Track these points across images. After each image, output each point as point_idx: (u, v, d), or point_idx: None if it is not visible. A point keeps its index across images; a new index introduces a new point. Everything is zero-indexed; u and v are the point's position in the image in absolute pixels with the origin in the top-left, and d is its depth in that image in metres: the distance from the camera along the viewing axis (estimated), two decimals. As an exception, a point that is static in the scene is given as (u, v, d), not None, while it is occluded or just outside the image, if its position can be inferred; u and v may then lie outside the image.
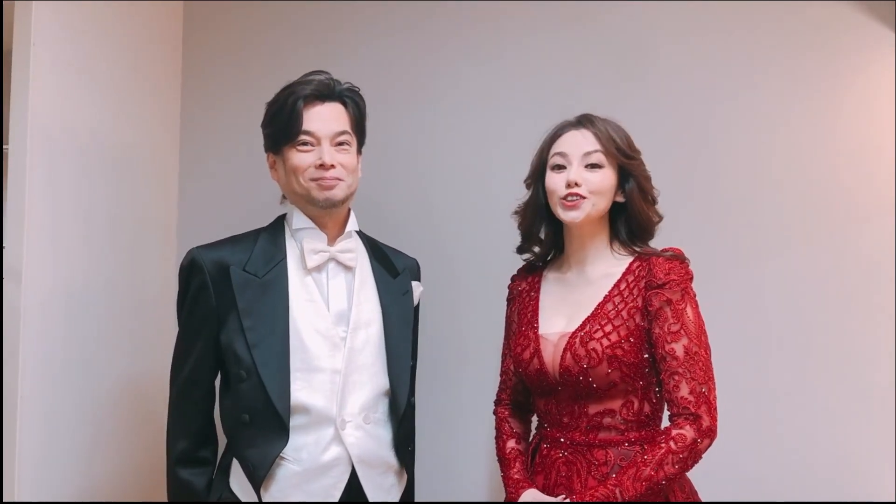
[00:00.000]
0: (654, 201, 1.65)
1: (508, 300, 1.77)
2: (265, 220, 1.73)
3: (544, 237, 1.72)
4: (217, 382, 1.67)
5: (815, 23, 2.02)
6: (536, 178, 1.67)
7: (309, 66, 1.72)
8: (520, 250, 1.74)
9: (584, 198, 1.57)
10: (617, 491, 1.44)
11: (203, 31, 2.39)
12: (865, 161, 1.97)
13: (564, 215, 1.60)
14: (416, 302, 1.79)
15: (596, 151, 1.59)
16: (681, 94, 2.08)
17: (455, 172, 2.22)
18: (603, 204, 1.60)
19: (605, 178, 1.59)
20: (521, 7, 2.19)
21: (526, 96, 2.18)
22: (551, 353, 1.59)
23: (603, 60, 2.14)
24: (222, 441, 1.67)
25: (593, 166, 1.59)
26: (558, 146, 1.62)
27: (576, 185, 1.57)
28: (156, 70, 2.27)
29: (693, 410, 1.47)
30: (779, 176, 2.02)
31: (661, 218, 1.65)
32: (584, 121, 1.63)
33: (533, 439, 1.70)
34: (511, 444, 1.69)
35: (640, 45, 2.12)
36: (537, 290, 1.70)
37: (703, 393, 1.48)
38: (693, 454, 1.47)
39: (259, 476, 1.55)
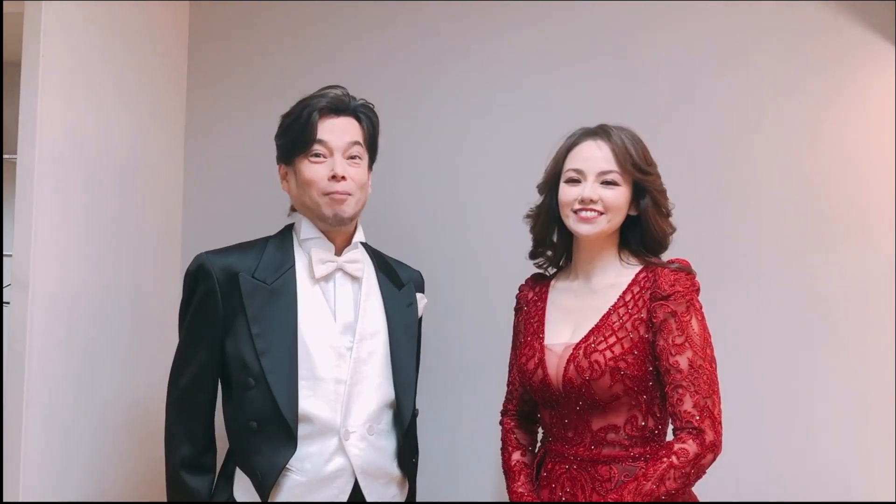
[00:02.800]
0: (668, 214, 1.64)
1: (516, 310, 1.77)
2: (270, 230, 1.73)
3: (556, 241, 1.71)
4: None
5: (815, 33, 2.03)
6: (550, 186, 1.66)
7: (314, 76, 1.74)
8: (532, 255, 1.74)
9: (600, 214, 1.57)
10: None
11: (209, 40, 2.40)
12: (866, 170, 1.99)
13: (577, 228, 1.59)
14: (419, 314, 1.79)
15: (612, 171, 1.58)
16: (680, 103, 2.10)
17: (458, 180, 2.22)
18: (618, 220, 1.60)
19: (620, 196, 1.58)
20: (525, 13, 2.20)
21: (531, 102, 2.18)
22: (555, 364, 1.58)
23: (605, 71, 2.15)
24: (220, 446, 1.67)
25: (609, 183, 1.58)
26: (574, 160, 1.61)
27: (591, 201, 1.57)
28: (161, 79, 2.28)
29: (696, 424, 1.45)
30: (779, 185, 2.03)
31: (674, 229, 1.64)
32: (602, 132, 1.61)
33: (539, 451, 1.69)
34: (516, 456, 1.69)
35: (640, 54, 2.13)
36: (544, 300, 1.69)
37: (707, 406, 1.46)
38: (696, 469, 1.45)
39: (267, 484, 1.54)
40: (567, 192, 1.60)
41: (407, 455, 1.68)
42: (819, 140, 2.02)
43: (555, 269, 1.75)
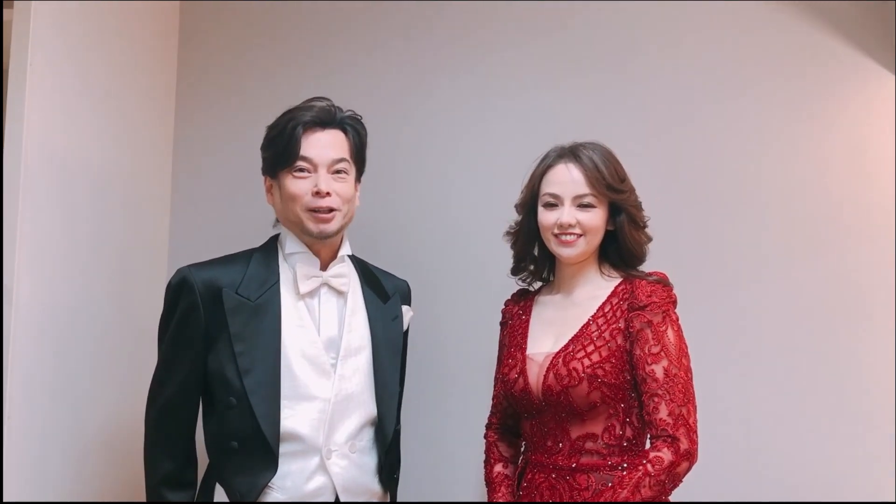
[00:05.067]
0: (644, 226, 1.67)
1: (501, 324, 1.79)
2: (258, 241, 1.73)
3: (538, 256, 1.74)
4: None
5: (811, 49, 2.04)
6: (527, 207, 1.69)
7: (305, 86, 1.73)
8: (514, 271, 1.76)
9: (578, 236, 1.61)
10: None
11: (199, 50, 2.40)
12: (862, 182, 1.99)
13: (559, 251, 1.63)
14: (405, 327, 1.79)
15: (586, 195, 1.61)
16: (672, 117, 2.10)
17: (447, 193, 2.22)
18: (597, 240, 1.64)
19: (597, 217, 1.62)
20: (521, 27, 2.21)
21: (523, 115, 2.18)
22: (536, 373, 1.60)
23: (602, 88, 2.15)
24: (201, 461, 1.66)
25: (585, 206, 1.61)
26: (549, 185, 1.64)
27: (569, 226, 1.60)
28: (149, 90, 2.28)
29: (671, 432, 1.47)
30: (773, 197, 2.03)
31: (650, 239, 1.67)
32: (572, 156, 1.64)
33: (520, 463, 1.70)
34: (498, 468, 1.70)
35: (636, 72, 2.13)
36: (528, 314, 1.71)
37: (683, 415, 1.48)
38: (671, 477, 1.46)
39: None
40: (546, 217, 1.64)
41: (388, 471, 1.67)
42: (816, 155, 2.01)
43: (539, 284, 1.77)
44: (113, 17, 2.10)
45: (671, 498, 1.55)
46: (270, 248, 1.69)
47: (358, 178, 1.71)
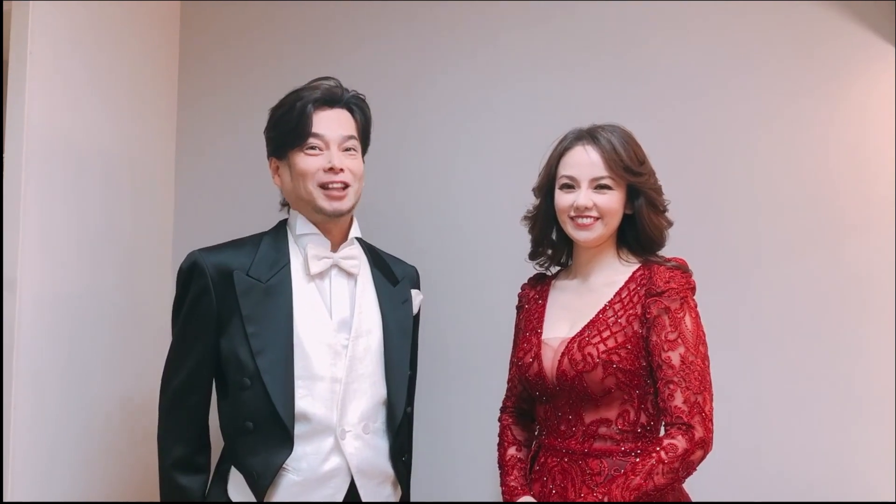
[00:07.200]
0: (664, 210, 1.65)
1: (518, 308, 1.78)
2: (261, 228, 1.72)
3: (556, 240, 1.72)
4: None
5: (813, 29, 2.02)
6: (545, 190, 1.68)
7: (307, 74, 1.72)
8: (532, 255, 1.74)
9: (596, 219, 1.59)
10: (605, 500, 1.43)
11: (200, 38, 2.39)
12: (865, 169, 1.97)
13: (575, 234, 1.62)
14: (415, 310, 1.79)
15: (604, 177, 1.59)
16: (675, 101, 2.08)
17: (455, 180, 2.21)
18: (614, 223, 1.62)
19: (614, 200, 1.59)
20: (524, 15, 2.19)
21: (529, 102, 2.17)
22: (550, 358, 1.59)
23: (606, 73, 2.13)
24: (215, 446, 1.66)
25: (602, 188, 1.59)
26: (566, 166, 1.62)
27: (586, 208, 1.58)
28: (152, 78, 2.27)
29: (686, 420, 1.46)
30: (776, 184, 2.02)
31: (670, 224, 1.65)
32: (590, 137, 1.61)
33: (533, 447, 1.70)
34: (511, 451, 1.70)
35: (639, 57, 2.11)
36: (545, 298, 1.71)
37: (698, 403, 1.47)
38: (685, 465, 1.45)
39: (263, 485, 1.54)
40: (562, 199, 1.62)
41: (399, 454, 1.68)
42: (819, 140, 2.00)
43: (557, 268, 1.76)
44: (114, 3, 2.09)
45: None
46: (280, 231, 1.70)
47: (362, 157, 1.72)
